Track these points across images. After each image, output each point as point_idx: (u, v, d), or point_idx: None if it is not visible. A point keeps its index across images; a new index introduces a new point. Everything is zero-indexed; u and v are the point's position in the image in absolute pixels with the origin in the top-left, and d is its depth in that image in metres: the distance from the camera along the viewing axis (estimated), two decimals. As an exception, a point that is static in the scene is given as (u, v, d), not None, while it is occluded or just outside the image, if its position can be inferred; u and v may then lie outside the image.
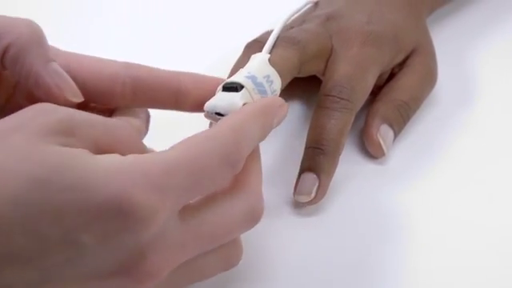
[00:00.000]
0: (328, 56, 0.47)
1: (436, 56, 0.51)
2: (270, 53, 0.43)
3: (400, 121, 0.47)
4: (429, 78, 0.50)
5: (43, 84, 0.36)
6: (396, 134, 0.47)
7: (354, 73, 0.45)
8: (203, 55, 0.54)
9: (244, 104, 0.39)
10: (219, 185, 0.34)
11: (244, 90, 0.39)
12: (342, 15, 0.48)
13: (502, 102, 0.51)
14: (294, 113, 0.49)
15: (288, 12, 0.48)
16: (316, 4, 0.51)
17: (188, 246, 0.33)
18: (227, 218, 0.35)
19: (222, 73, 0.48)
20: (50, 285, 0.31)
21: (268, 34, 0.49)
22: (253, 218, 0.36)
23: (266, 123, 0.37)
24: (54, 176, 0.30)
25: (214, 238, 0.34)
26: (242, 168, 0.34)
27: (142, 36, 0.57)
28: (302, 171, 0.43)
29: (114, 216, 0.30)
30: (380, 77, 0.48)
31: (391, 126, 0.47)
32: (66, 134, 0.32)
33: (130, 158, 0.32)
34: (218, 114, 0.38)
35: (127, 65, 0.39)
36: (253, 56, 0.43)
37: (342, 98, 0.44)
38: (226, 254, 0.36)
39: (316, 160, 0.43)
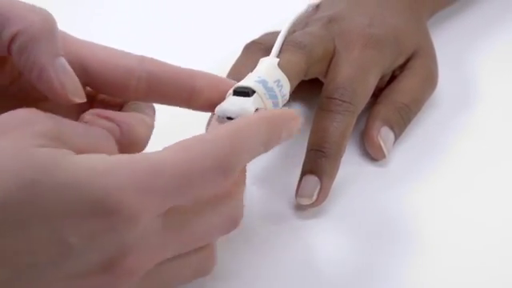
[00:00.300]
0: (331, 58, 0.47)
1: (437, 58, 0.51)
2: (277, 57, 0.43)
3: (401, 123, 0.47)
4: (429, 81, 0.50)
5: (47, 78, 0.35)
6: (397, 137, 0.47)
7: (355, 75, 0.45)
8: (202, 56, 0.54)
9: (256, 109, 0.39)
10: (210, 191, 0.34)
11: (256, 94, 0.39)
12: (343, 17, 0.49)
13: (503, 104, 0.51)
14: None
15: (292, 16, 0.47)
16: (317, 6, 0.51)
17: (168, 246, 0.33)
18: (208, 221, 0.34)
19: (222, 74, 0.48)
20: (31, 284, 0.31)
21: (267, 35, 0.49)
22: (232, 224, 0.36)
23: (271, 134, 0.36)
24: (42, 176, 0.30)
25: (194, 240, 0.34)
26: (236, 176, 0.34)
27: (142, 37, 0.56)
28: (303, 174, 0.43)
29: (101, 216, 0.30)
30: (381, 79, 0.48)
31: (392, 128, 0.47)
32: (52, 141, 0.31)
33: (118, 157, 0.32)
34: (230, 118, 0.38)
35: (142, 58, 0.38)
36: (261, 60, 0.43)
37: (344, 101, 0.44)
38: (201, 259, 0.36)
39: (318, 162, 0.43)
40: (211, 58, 0.53)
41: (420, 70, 0.49)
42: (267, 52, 0.45)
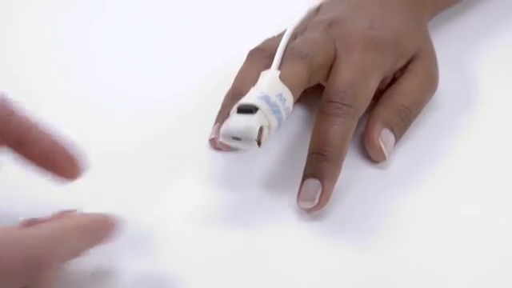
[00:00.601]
0: (332, 62, 0.47)
1: (437, 60, 0.51)
2: (278, 68, 0.43)
3: (401, 125, 0.47)
4: (430, 83, 0.50)
5: None
6: (397, 139, 0.47)
7: (356, 78, 0.45)
8: (205, 60, 0.54)
9: (261, 127, 0.38)
10: (19, 283, 0.33)
11: (259, 112, 0.39)
12: (344, 20, 0.48)
13: (504, 106, 0.51)
14: (297, 118, 0.49)
15: (291, 24, 0.48)
16: (317, 9, 0.51)
17: None
18: None
19: (225, 77, 0.48)
20: None
21: (270, 41, 0.49)
22: None
23: (85, 241, 0.37)
24: None
25: None
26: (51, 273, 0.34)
27: (144, 41, 0.56)
28: (305, 177, 0.43)
29: None
30: (382, 82, 0.48)
31: (392, 130, 0.47)
32: None
33: None
34: (235, 138, 0.38)
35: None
36: (262, 73, 0.43)
37: (345, 104, 0.44)
38: None
39: (319, 166, 0.43)
40: (214, 62, 0.53)
41: (421, 72, 0.49)
42: (271, 59, 0.45)
